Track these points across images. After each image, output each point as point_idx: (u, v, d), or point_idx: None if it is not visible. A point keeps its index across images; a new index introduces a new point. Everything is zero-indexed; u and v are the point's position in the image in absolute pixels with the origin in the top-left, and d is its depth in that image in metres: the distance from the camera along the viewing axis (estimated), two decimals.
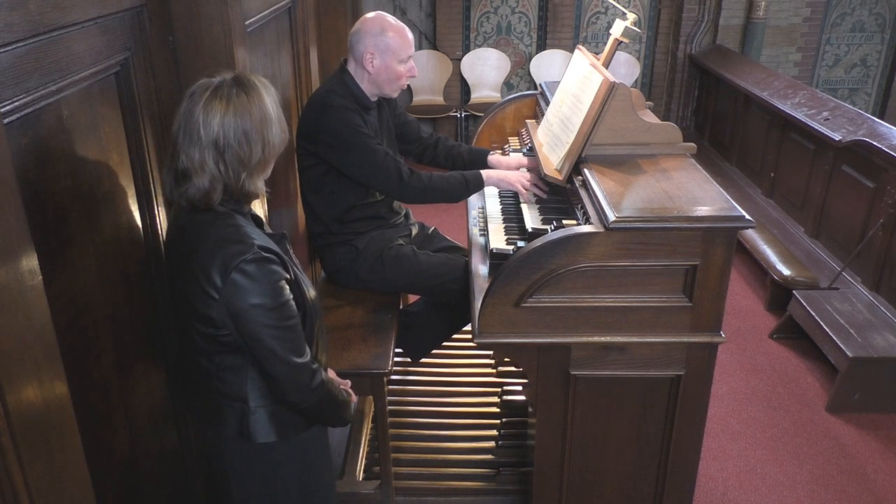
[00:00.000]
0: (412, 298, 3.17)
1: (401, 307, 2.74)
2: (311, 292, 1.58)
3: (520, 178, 2.48)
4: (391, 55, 2.38)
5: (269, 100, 1.44)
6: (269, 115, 1.43)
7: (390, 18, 2.42)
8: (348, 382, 1.87)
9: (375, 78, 2.42)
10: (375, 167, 2.37)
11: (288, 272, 1.46)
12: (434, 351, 3.23)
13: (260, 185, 1.48)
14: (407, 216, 2.76)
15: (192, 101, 1.39)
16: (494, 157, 2.72)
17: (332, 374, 1.88)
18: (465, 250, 2.61)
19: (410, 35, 2.45)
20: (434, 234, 2.84)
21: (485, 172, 2.51)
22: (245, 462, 1.61)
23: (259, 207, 2.11)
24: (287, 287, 1.45)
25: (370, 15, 2.43)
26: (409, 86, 6.17)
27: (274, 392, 1.52)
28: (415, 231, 2.75)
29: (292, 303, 1.46)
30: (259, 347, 1.43)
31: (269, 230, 1.61)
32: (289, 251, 1.58)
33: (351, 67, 2.44)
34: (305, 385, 1.49)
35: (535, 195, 2.48)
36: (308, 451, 1.67)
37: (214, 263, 1.37)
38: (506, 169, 2.61)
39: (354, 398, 1.80)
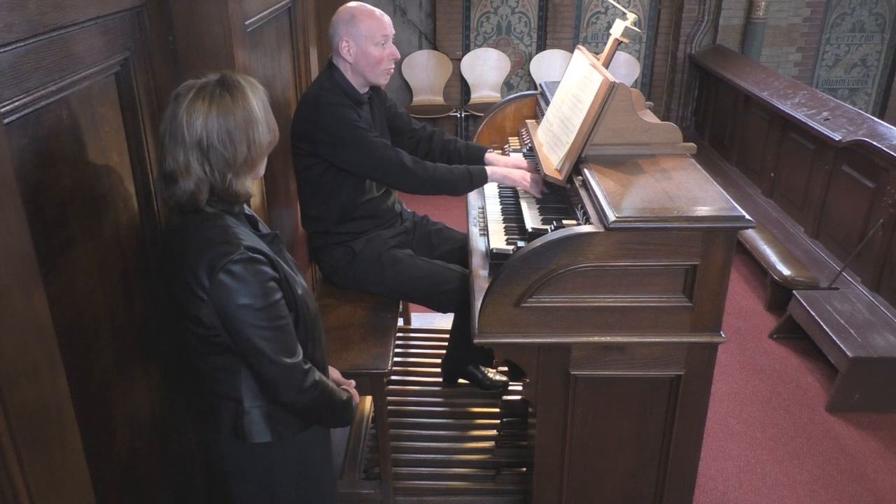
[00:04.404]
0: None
1: (400, 309, 2.74)
2: (303, 293, 1.57)
3: (524, 176, 2.48)
4: (365, 40, 2.36)
5: (256, 100, 1.43)
6: (254, 115, 1.41)
7: (362, 5, 2.40)
8: (352, 382, 1.85)
9: (356, 66, 2.40)
10: (377, 159, 2.36)
11: (277, 272, 1.45)
12: (433, 351, 3.25)
13: (248, 185, 1.47)
14: (401, 213, 2.74)
15: (176, 103, 1.38)
16: (492, 155, 2.70)
17: (335, 373, 1.87)
18: (468, 245, 2.57)
19: (386, 18, 2.41)
20: (438, 231, 2.80)
21: (489, 168, 2.50)
22: (242, 462, 1.61)
23: (260, 208, 2.12)
24: (277, 287, 1.44)
25: (344, 6, 2.42)
26: (409, 86, 6.18)
27: (266, 392, 1.51)
28: (409, 225, 2.74)
29: (282, 303, 1.45)
30: (248, 348, 1.42)
31: (265, 230, 1.60)
32: (282, 251, 1.57)
33: (336, 62, 2.44)
34: (297, 385, 1.48)
35: (534, 195, 2.47)
36: (307, 452, 1.66)
37: (202, 264, 1.37)
38: (504, 167, 2.60)
39: (356, 398, 1.78)
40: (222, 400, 1.54)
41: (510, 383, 2.95)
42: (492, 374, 2.99)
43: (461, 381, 3.03)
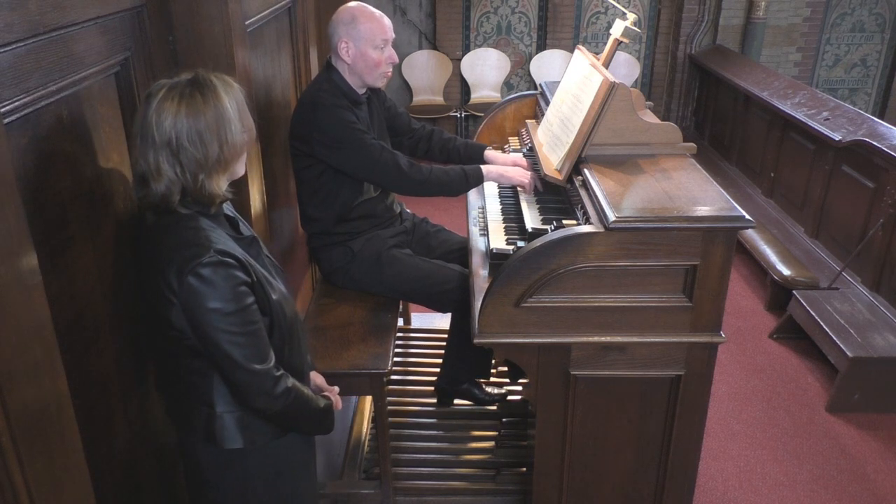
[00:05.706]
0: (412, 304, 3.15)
1: (400, 309, 2.73)
2: (280, 297, 1.53)
3: (520, 173, 2.48)
4: (364, 42, 2.36)
5: (229, 98, 1.40)
6: (226, 114, 1.38)
7: (364, 6, 2.40)
8: (335, 389, 1.81)
9: (354, 67, 2.40)
10: (373, 162, 2.36)
11: (250, 276, 1.42)
12: (433, 351, 3.24)
13: (222, 185, 1.44)
14: (401, 213, 2.74)
15: (146, 104, 1.36)
16: (491, 152, 2.71)
17: (319, 379, 1.83)
18: (466, 248, 2.57)
19: (386, 21, 2.41)
20: (437, 232, 2.80)
21: (485, 168, 2.50)
22: (216, 467, 1.58)
23: (260, 208, 2.11)
24: (249, 292, 1.41)
25: (345, 5, 2.42)
26: (409, 86, 6.18)
27: (236, 397, 1.48)
28: (409, 226, 2.74)
29: (254, 308, 1.42)
30: (217, 353, 1.39)
31: (247, 231, 1.57)
32: (259, 254, 1.55)
33: (335, 62, 2.44)
34: (267, 392, 1.45)
35: (534, 193, 2.47)
36: (283, 459, 1.62)
37: (171, 266, 1.34)
38: (503, 165, 2.60)
39: (338, 405, 1.74)
40: (195, 404, 1.51)
41: (508, 392, 2.91)
42: (489, 387, 2.91)
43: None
